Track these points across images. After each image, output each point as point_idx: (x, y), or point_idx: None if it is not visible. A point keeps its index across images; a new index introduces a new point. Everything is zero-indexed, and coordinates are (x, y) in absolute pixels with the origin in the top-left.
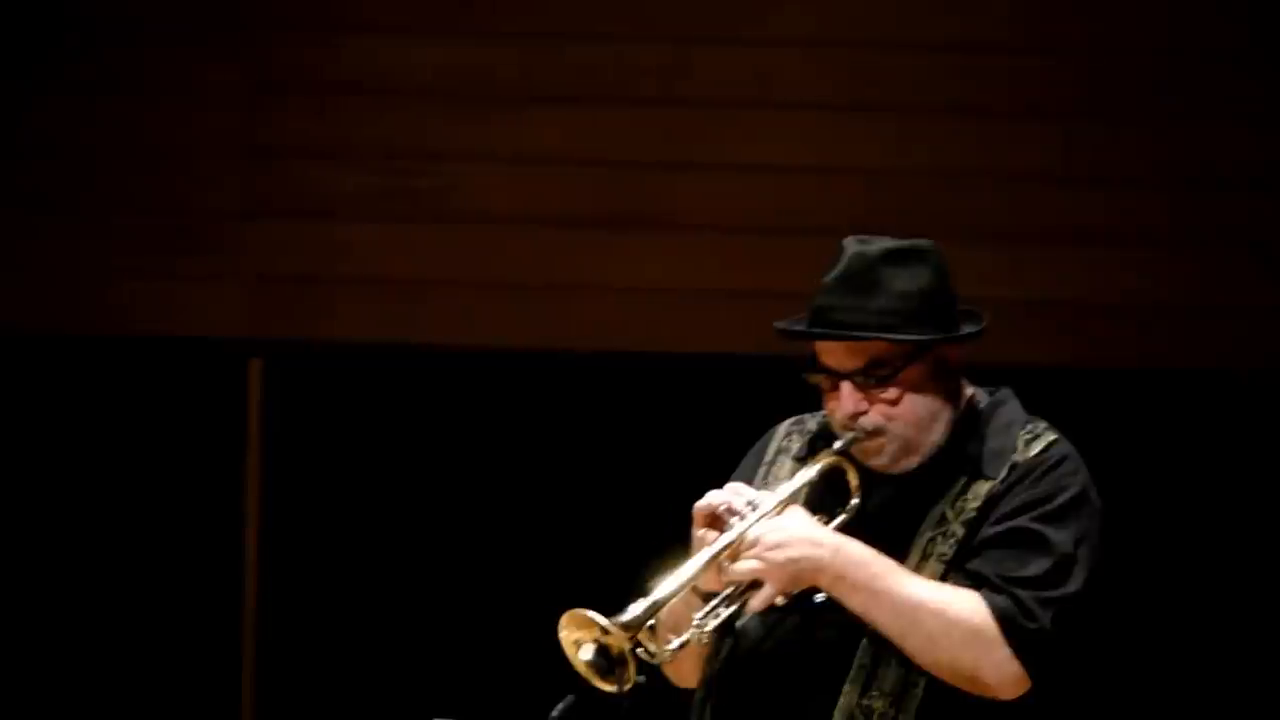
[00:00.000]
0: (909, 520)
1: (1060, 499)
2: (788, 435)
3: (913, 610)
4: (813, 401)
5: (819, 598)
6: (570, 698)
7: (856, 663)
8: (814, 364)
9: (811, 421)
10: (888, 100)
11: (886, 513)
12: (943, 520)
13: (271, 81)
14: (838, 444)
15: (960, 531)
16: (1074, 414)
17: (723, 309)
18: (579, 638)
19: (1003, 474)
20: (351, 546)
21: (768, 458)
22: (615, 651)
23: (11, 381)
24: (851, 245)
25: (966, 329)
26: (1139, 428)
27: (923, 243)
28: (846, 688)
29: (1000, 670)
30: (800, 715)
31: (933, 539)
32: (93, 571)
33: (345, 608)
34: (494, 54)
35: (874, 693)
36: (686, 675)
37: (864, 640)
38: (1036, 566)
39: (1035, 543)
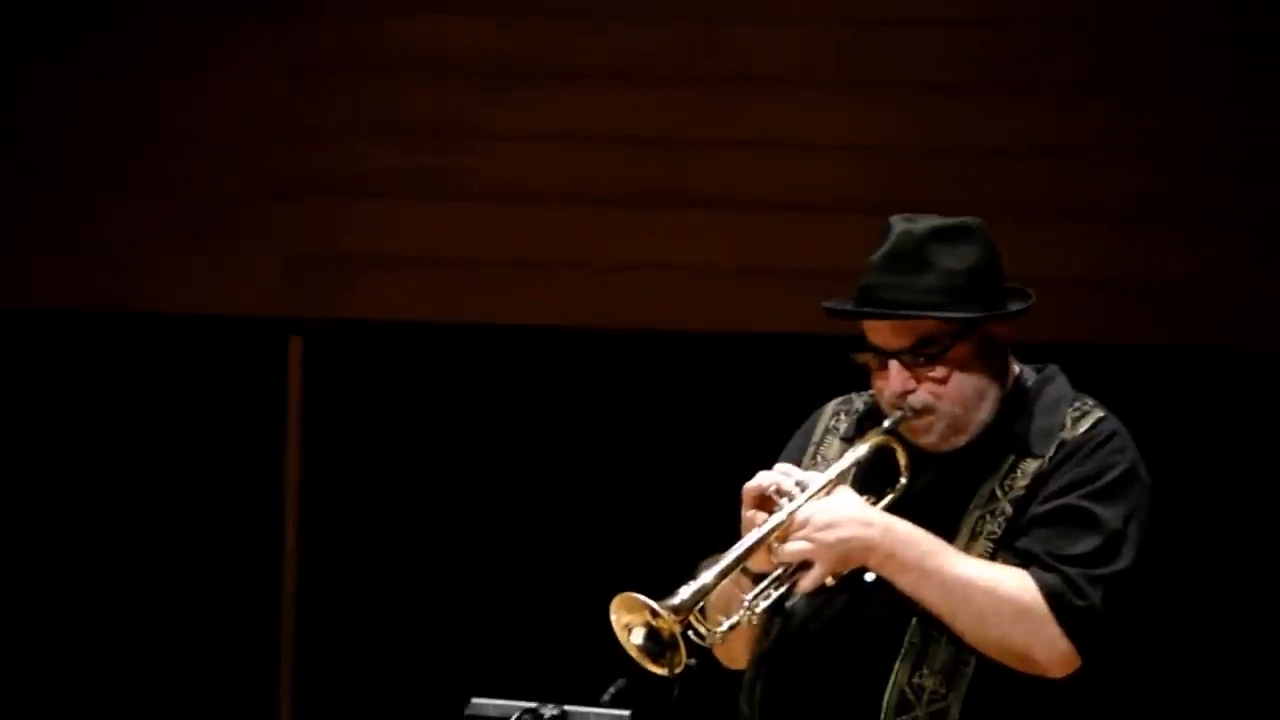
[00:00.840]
0: (958, 499)
1: (1109, 476)
2: (835, 415)
3: (963, 589)
4: (858, 380)
5: (869, 577)
6: (622, 680)
7: (907, 641)
8: (862, 343)
9: (859, 401)
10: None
11: (935, 492)
12: (992, 499)
13: (305, 61)
14: (886, 423)
15: (1009, 510)
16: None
17: (758, 287)
18: (629, 621)
19: (1051, 452)
20: (391, 522)
21: (815, 438)
22: (666, 635)
23: (55, 357)
24: (898, 224)
25: (1014, 306)
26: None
27: (970, 220)
28: (897, 666)
29: (1051, 648)
30: (850, 694)
31: (981, 517)
32: (136, 546)
33: (386, 585)
34: (526, 32)
35: (924, 671)
36: (737, 657)
37: (914, 619)
38: (1086, 544)
39: (1084, 520)
